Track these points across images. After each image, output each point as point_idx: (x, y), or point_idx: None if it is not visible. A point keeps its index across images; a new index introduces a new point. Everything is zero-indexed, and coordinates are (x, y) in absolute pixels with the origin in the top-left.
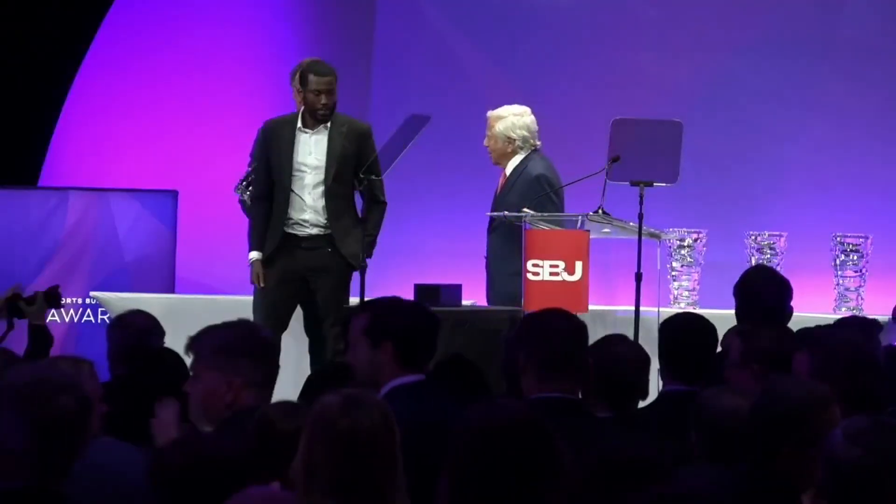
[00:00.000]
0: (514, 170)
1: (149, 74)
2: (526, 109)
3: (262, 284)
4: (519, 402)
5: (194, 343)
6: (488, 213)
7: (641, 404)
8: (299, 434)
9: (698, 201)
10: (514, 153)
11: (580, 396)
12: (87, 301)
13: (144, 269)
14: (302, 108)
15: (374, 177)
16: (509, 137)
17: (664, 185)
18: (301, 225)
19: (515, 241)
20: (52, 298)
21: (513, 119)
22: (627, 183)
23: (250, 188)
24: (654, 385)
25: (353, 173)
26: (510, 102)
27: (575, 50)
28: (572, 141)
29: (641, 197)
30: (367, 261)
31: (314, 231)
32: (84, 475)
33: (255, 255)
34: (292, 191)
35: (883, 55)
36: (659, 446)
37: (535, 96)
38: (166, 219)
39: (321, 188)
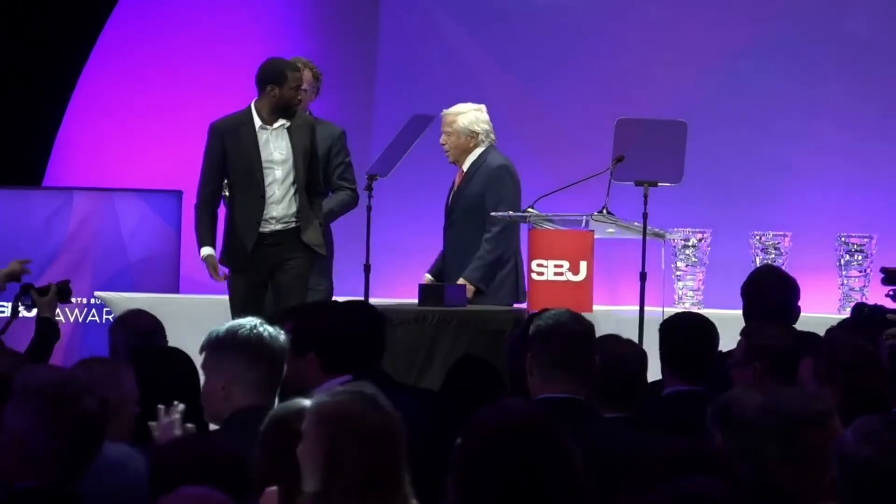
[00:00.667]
0: (473, 164)
1: (153, 74)
2: (482, 105)
3: (220, 277)
4: (527, 403)
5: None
6: (498, 212)
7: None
8: None
9: (703, 201)
10: (474, 147)
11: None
12: (92, 301)
13: (149, 269)
14: (258, 104)
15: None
16: (472, 131)
17: (669, 184)
18: (268, 222)
19: (476, 234)
20: (64, 292)
21: (474, 114)
22: (632, 183)
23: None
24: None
25: (310, 164)
26: (515, 102)
27: (580, 50)
28: (577, 141)
29: (646, 197)
30: (376, 263)
31: (279, 227)
32: (90, 475)
33: (208, 250)
34: (265, 189)
35: (889, 56)
36: (667, 446)
37: (540, 96)
38: (171, 219)
39: (289, 182)
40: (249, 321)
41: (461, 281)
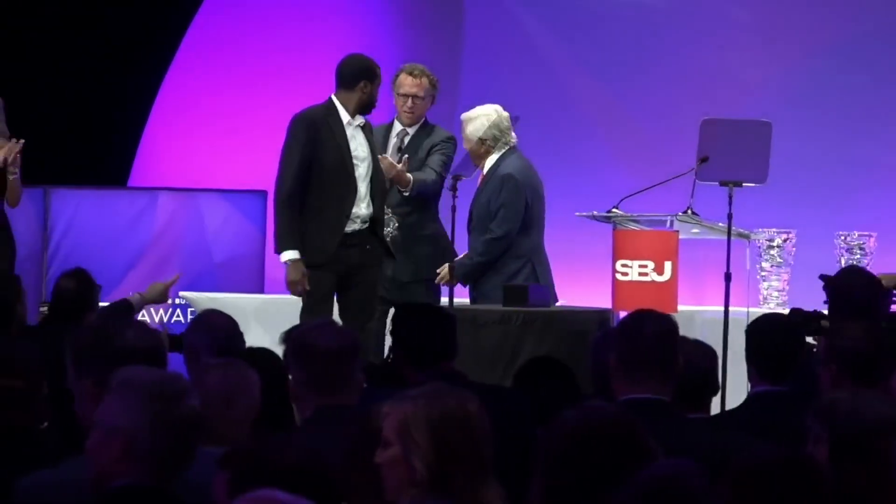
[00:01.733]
0: (490, 169)
1: (238, 74)
2: (496, 108)
3: (307, 288)
4: (611, 405)
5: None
6: (582, 214)
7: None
8: None
9: (787, 201)
10: (487, 153)
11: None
12: (177, 301)
13: (234, 269)
14: (343, 98)
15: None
16: (480, 139)
17: (753, 185)
18: (353, 220)
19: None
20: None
21: (482, 120)
22: (716, 183)
23: None
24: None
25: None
26: (599, 102)
27: (663, 50)
28: (661, 141)
29: (730, 197)
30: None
31: (360, 226)
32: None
33: (296, 254)
34: (355, 184)
35: None
36: (760, 451)
37: (624, 96)
38: (256, 219)
39: (369, 180)
40: (308, 323)
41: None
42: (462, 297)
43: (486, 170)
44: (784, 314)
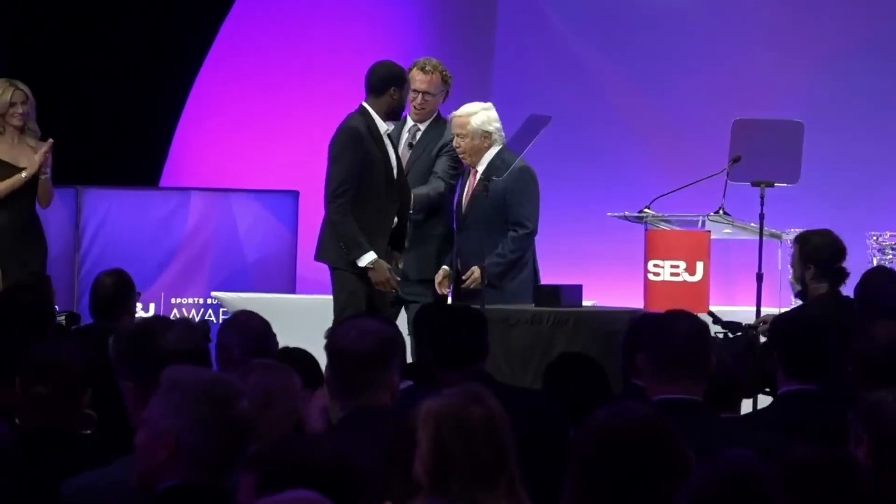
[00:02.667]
0: (491, 164)
1: (269, 75)
2: (490, 104)
3: (398, 279)
4: (644, 405)
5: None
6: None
7: None
8: None
9: (819, 201)
10: (488, 148)
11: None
12: (209, 301)
13: (265, 269)
14: (375, 106)
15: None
16: (486, 132)
17: (785, 185)
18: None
19: (497, 235)
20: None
21: (486, 113)
22: (748, 183)
23: None
24: None
25: None
26: (631, 103)
27: (695, 50)
28: (693, 141)
29: (762, 197)
30: None
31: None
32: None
33: (372, 255)
34: (395, 194)
35: None
36: (789, 445)
37: (656, 97)
38: (287, 219)
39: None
40: (341, 325)
41: (478, 270)
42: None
43: (482, 165)
44: (812, 313)
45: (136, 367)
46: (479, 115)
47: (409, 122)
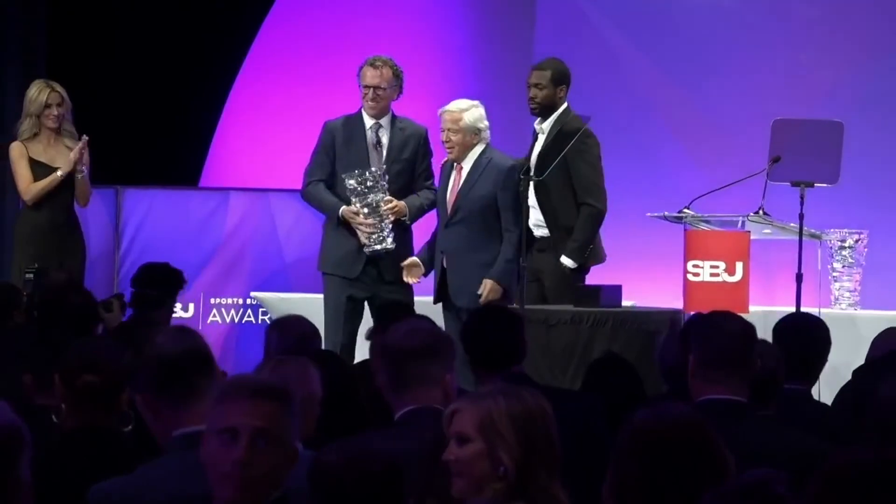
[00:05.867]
0: (477, 161)
1: (309, 75)
2: (478, 102)
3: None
4: (684, 406)
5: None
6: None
7: None
8: None
9: (859, 202)
10: (475, 145)
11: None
12: (248, 301)
13: (305, 269)
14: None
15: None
16: (477, 129)
17: (825, 185)
18: None
19: (484, 232)
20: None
21: (477, 111)
22: (788, 183)
23: None
24: None
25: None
26: (670, 103)
27: (736, 50)
28: (733, 141)
29: (802, 197)
30: None
31: None
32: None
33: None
34: None
35: None
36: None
37: (696, 96)
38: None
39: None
40: (401, 323)
41: (490, 283)
42: (424, 296)
43: (469, 163)
44: (813, 315)
45: (141, 380)
46: (471, 111)
47: (368, 120)
